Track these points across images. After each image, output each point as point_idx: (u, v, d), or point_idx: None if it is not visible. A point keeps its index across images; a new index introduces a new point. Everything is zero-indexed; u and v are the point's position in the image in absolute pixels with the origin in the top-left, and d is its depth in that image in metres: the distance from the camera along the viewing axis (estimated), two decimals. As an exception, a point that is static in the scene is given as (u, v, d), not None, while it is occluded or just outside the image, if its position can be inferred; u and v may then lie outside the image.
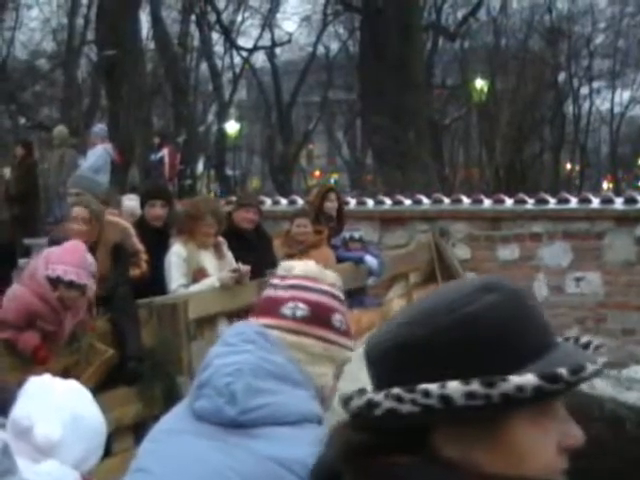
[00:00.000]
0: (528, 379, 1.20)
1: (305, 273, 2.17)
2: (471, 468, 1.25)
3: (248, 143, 44.99)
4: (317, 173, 52.37)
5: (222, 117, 36.59)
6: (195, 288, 7.01)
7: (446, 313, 1.25)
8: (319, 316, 2.11)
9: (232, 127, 35.86)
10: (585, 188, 36.33)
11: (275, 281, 2.19)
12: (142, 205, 7.80)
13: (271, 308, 2.13)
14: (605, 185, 47.47)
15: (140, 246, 7.05)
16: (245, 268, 7.13)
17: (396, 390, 1.23)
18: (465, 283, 1.33)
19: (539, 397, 1.20)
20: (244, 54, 37.88)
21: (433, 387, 1.21)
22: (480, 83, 24.81)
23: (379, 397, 1.24)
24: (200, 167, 35.39)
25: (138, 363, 5.98)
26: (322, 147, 52.86)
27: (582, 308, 10.84)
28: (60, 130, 14.67)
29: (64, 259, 5.34)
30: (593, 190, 35.57)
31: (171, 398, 5.60)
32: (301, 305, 2.11)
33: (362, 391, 1.28)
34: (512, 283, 1.32)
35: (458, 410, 1.21)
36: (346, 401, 1.29)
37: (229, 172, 37.37)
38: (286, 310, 2.11)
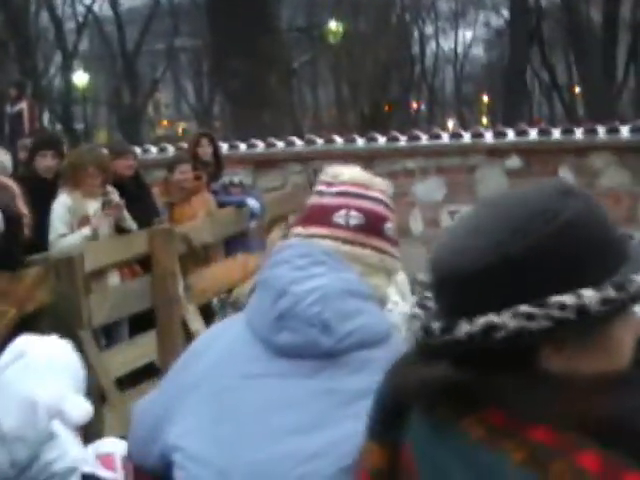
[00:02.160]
0: None
1: (354, 179, 2.01)
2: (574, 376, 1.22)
3: (93, 95, 43.98)
4: (165, 122, 51.66)
5: (66, 69, 35.60)
6: (71, 238, 6.80)
7: (544, 222, 1.20)
8: (373, 225, 1.96)
9: (80, 78, 34.86)
10: (433, 126, 36.97)
11: (321, 188, 2.02)
12: (32, 156, 7.44)
13: (321, 216, 1.96)
14: (450, 123, 48.45)
15: (25, 209, 6.75)
16: (115, 198, 6.98)
17: (524, 308, 1.17)
18: (540, 190, 1.27)
19: None
20: (87, 2, 36.86)
21: (568, 298, 1.16)
22: (334, 25, 24.73)
23: (503, 319, 1.17)
24: (45, 121, 34.38)
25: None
26: (169, 96, 52.11)
27: (458, 241, 11.01)
28: None
29: None
30: (441, 128, 36.17)
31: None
32: (354, 213, 1.95)
33: (452, 319, 1.22)
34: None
35: (587, 319, 1.17)
36: (444, 330, 1.22)
37: (78, 126, 36.49)
38: (338, 218, 1.94)
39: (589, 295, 1.17)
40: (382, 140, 11.57)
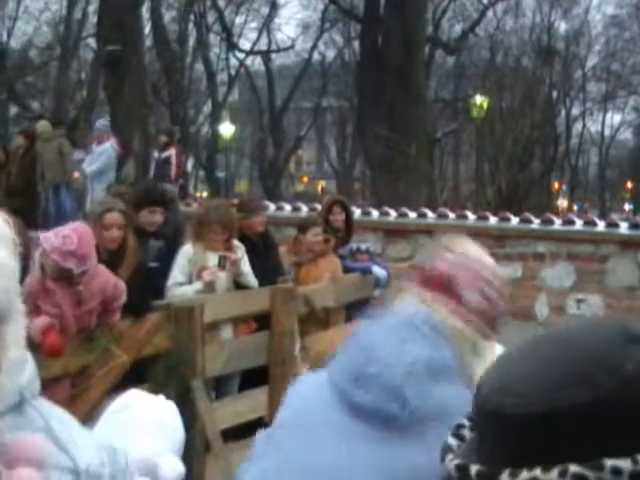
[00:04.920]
0: None
1: (491, 267, 2.07)
2: None
3: (238, 145, 44.89)
4: (305, 179, 52.39)
5: (214, 118, 36.51)
6: (186, 288, 6.93)
7: (608, 374, 1.09)
8: (492, 317, 2.02)
9: (227, 129, 35.71)
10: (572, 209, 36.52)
11: (449, 256, 2.07)
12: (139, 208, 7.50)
13: (451, 288, 1.99)
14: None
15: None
16: (236, 254, 7.07)
17: (575, 468, 1.07)
18: (604, 331, 1.17)
19: None
20: (240, 56, 37.82)
21: (624, 463, 1.06)
22: (480, 99, 24.72)
23: (550, 476, 1.08)
24: (189, 166, 35.28)
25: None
26: (311, 153, 52.84)
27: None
28: (43, 125, 14.49)
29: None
30: (578, 212, 35.72)
31: (185, 402, 5.53)
32: (480, 297, 1.99)
33: (497, 466, 1.11)
34: None
35: None
36: (481, 476, 1.12)
37: (219, 174, 37.29)
38: (468, 295, 1.98)
39: None
40: (515, 220, 11.49)
